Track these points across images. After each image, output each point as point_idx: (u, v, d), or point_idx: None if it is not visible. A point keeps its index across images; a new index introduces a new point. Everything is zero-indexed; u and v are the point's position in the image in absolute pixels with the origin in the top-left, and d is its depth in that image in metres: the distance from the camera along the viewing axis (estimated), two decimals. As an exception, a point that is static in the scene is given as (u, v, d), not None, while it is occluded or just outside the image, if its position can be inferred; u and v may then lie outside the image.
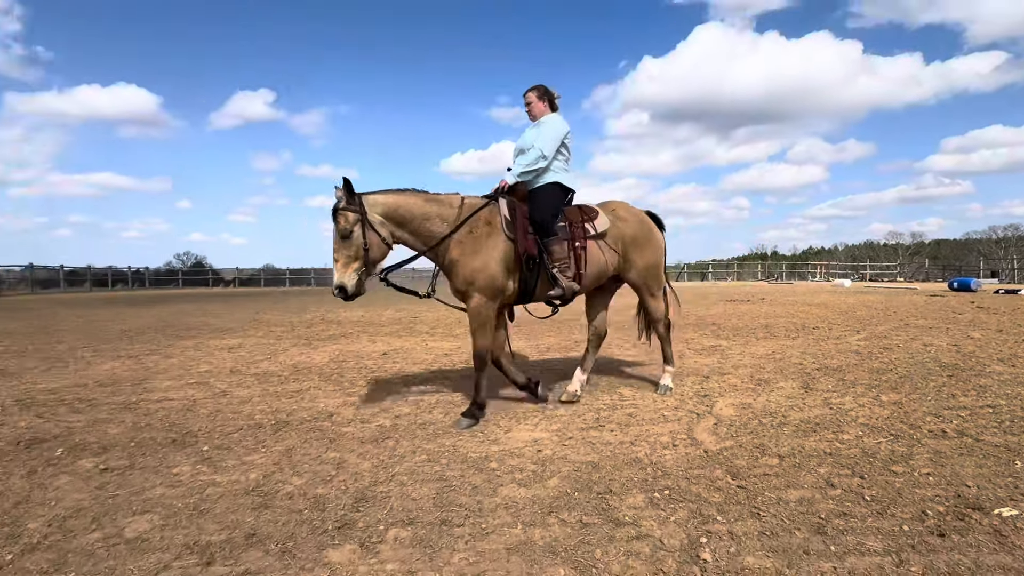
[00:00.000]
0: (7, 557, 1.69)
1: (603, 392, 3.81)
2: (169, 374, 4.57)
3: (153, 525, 1.89)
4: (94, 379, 4.38)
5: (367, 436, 2.86)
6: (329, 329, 7.88)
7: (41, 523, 1.91)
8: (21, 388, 4.06)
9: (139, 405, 3.55)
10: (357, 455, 2.57)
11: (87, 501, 2.09)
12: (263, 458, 2.54)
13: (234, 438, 2.85)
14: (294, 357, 5.39)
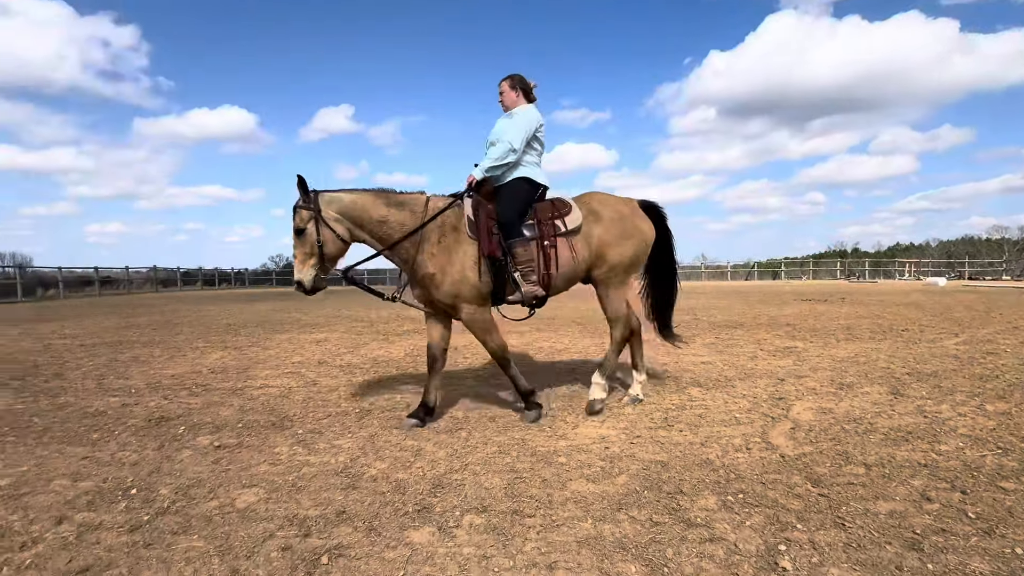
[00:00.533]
0: (144, 518, 1.92)
1: (671, 392, 3.68)
2: (267, 364, 4.97)
3: (259, 498, 2.07)
4: (207, 367, 4.86)
5: (441, 426, 2.96)
6: (404, 325, 8.20)
7: (170, 490, 2.15)
8: (150, 373, 4.58)
9: (244, 391, 3.89)
10: (433, 444, 2.67)
11: (205, 473, 2.33)
12: (350, 443, 2.70)
13: (324, 423, 3.05)
14: (374, 351, 5.67)
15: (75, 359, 5.36)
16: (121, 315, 10.78)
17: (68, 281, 21.45)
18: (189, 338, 6.92)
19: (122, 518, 1.92)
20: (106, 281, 23.95)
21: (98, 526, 1.86)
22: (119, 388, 4.02)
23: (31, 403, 3.61)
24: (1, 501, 2.07)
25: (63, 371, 4.73)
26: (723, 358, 4.92)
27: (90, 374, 4.58)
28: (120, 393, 3.86)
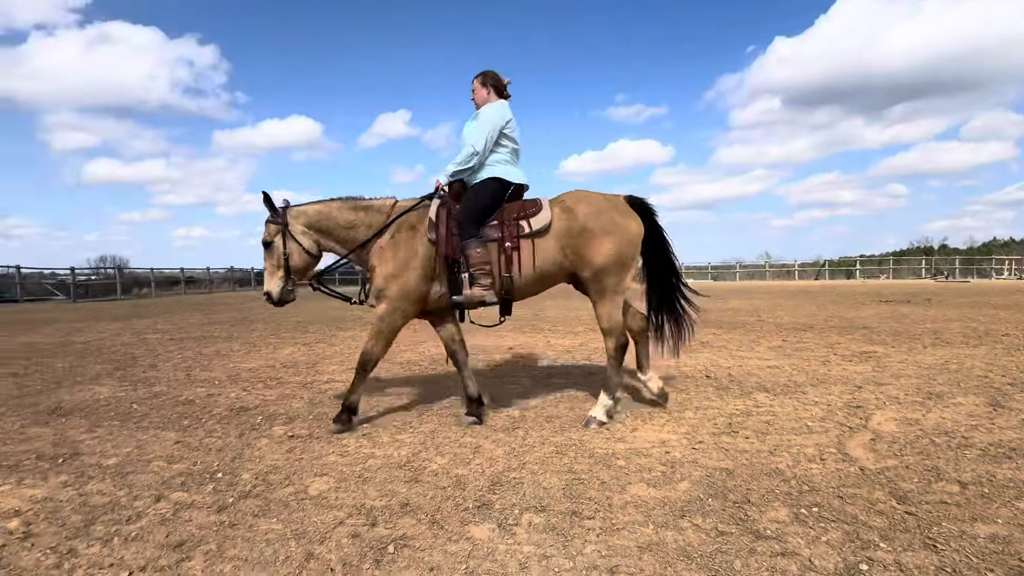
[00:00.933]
0: (229, 500, 2.08)
1: (734, 397, 3.53)
2: (333, 360, 5.23)
3: (329, 487, 2.19)
4: (280, 361, 5.18)
5: (499, 425, 3.00)
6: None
7: (250, 475, 2.32)
8: (230, 367, 4.95)
9: (313, 384, 4.12)
10: (491, 442, 2.71)
11: (280, 461, 2.48)
12: (411, 437, 2.80)
13: (387, 418, 3.17)
14: (431, 349, 5.81)
15: (166, 352, 5.89)
16: (204, 312, 11.70)
17: (158, 281, 23.69)
18: (263, 334, 7.41)
19: (210, 499, 2.08)
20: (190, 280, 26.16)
21: (190, 505, 2.04)
22: (204, 379, 4.37)
23: (131, 391, 4.00)
24: (110, 478, 2.31)
25: (156, 363, 5.21)
26: (792, 362, 4.65)
27: (179, 366, 5.02)
28: (205, 384, 4.19)
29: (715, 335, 6.61)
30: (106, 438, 2.87)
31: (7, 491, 2.19)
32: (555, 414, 3.20)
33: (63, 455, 2.61)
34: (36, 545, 1.75)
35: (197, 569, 1.60)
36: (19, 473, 2.38)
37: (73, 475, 2.35)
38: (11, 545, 1.75)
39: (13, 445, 2.78)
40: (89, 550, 1.72)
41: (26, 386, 4.22)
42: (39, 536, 1.81)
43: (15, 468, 2.44)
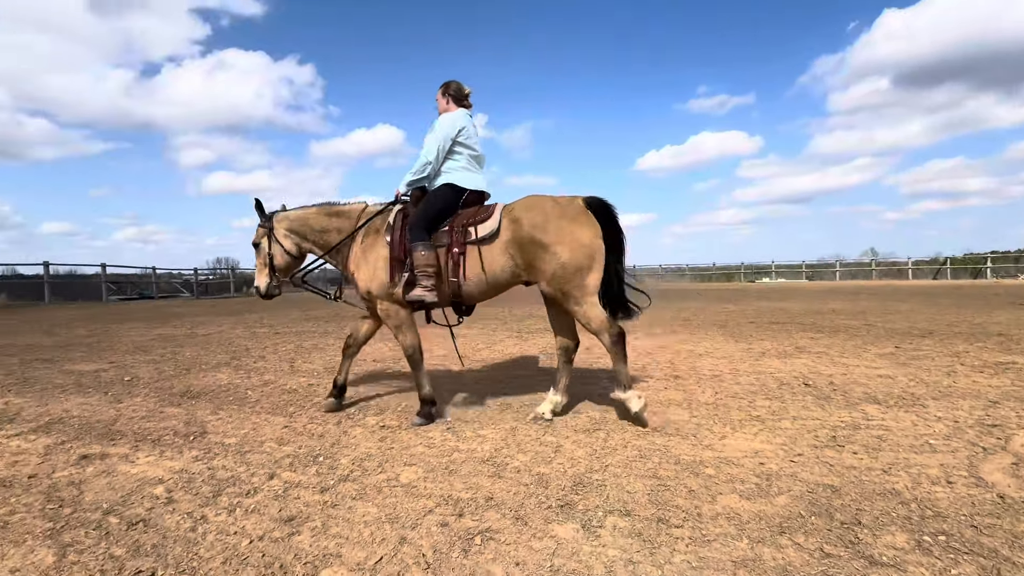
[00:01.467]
0: (330, 482, 2.26)
1: (838, 408, 3.23)
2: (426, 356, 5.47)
3: (418, 476, 2.30)
4: (371, 356, 5.52)
5: (579, 425, 2.98)
6: (538, 323, 8.41)
7: (348, 461, 2.50)
8: (327, 359, 5.36)
9: (399, 378, 4.35)
10: (572, 442, 2.70)
11: (374, 449, 2.65)
12: (493, 433, 2.86)
13: (469, 414, 3.27)
14: (509, 347, 5.91)
15: (272, 344, 6.50)
16: (301, 309, 12.76)
17: None
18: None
19: (314, 480, 2.28)
20: (290, 280, 28.57)
21: (297, 484, 2.24)
22: (305, 371, 4.78)
23: (245, 379, 4.46)
24: (232, 455, 2.60)
25: (264, 354, 5.77)
26: (907, 372, 4.17)
27: (284, 357, 5.52)
28: (306, 375, 4.58)
29: (812, 339, 6.09)
30: (227, 420, 3.23)
31: (152, 461, 2.54)
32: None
33: (193, 433, 2.97)
34: (176, 510, 2.01)
35: (305, 543, 1.76)
36: (160, 447, 2.75)
37: (202, 451, 2.67)
38: (157, 508, 2.03)
39: (155, 422, 3.21)
40: (217, 518, 1.95)
41: (163, 371, 4.86)
42: (178, 502, 2.08)
43: (157, 442, 2.83)
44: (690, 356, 5.14)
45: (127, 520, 1.93)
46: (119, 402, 3.73)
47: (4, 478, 2.35)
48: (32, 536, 1.82)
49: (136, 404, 3.66)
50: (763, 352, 5.31)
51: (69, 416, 3.37)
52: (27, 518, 1.96)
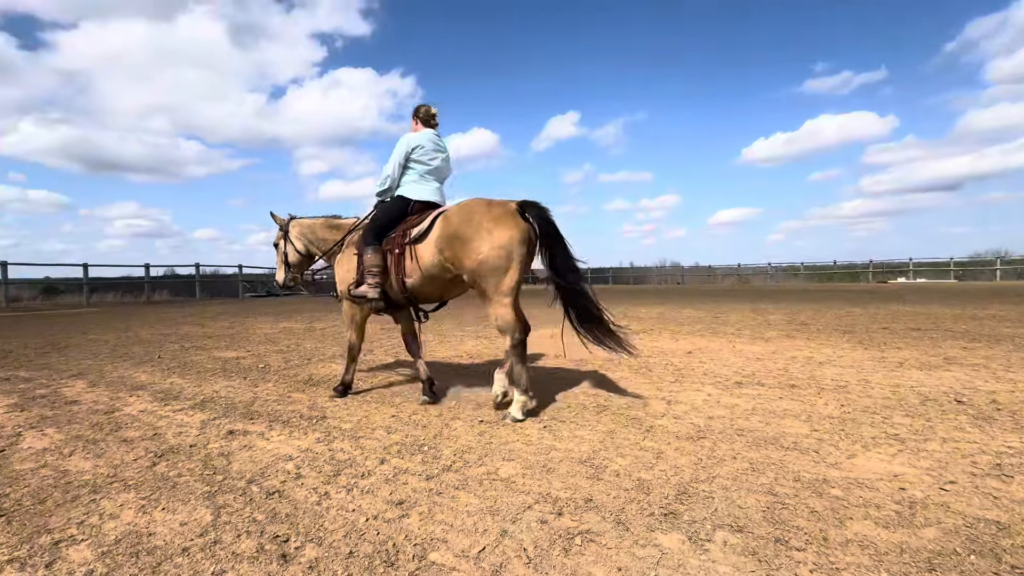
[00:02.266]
0: (435, 471, 2.38)
1: (1006, 431, 2.75)
2: (512, 354, 5.59)
3: (517, 472, 2.35)
4: (466, 352, 5.74)
5: (682, 432, 2.85)
6: (631, 324, 8.18)
7: (450, 452, 2.62)
8: (427, 354, 5.67)
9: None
10: (674, 449, 2.59)
11: (473, 443, 2.75)
12: (590, 434, 2.83)
13: (565, 414, 3.27)
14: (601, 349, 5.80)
15: (379, 339, 7.02)
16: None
17: None
18: (451, 327, 8.31)
19: (420, 468, 2.42)
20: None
21: (405, 471, 2.39)
22: (409, 364, 5.09)
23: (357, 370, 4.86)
24: (348, 439, 2.85)
25: (373, 348, 6.24)
26: (1102, 393, 3.42)
27: (390, 351, 5.93)
28: (410, 368, 4.88)
29: (966, 349, 5.23)
30: (342, 406, 3.55)
31: (283, 440, 2.86)
32: (747, 427, 2.90)
33: (315, 416, 3.30)
34: (304, 485, 2.25)
35: (414, 526, 1.88)
36: (289, 427, 3.10)
37: (323, 434, 2.96)
38: (289, 482, 2.29)
39: (284, 406, 3.62)
40: (337, 495, 2.15)
41: (290, 361, 5.46)
42: (305, 478, 2.33)
43: (287, 423, 3.18)
44: (808, 364, 4.68)
45: (266, 490, 2.20)
46: (255, 386, 4.26)
47: (173, 446, 2.80)
48: (194, 496, 2.15)
49: (269, 389, 4.16)
50: (901, 362, 4.67)
51: (218, 396, 3.92)
52: (190, 481, 2.31)
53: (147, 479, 2.34)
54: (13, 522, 1.95)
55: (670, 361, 4.96)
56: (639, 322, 8.58)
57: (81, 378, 4.70)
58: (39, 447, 2.81)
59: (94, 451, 2.73)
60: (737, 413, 3.19)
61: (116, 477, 2.37)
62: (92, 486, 2.27)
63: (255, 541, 1.78)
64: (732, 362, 4.85)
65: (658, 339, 6.50)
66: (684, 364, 4.79)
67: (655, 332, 7.22)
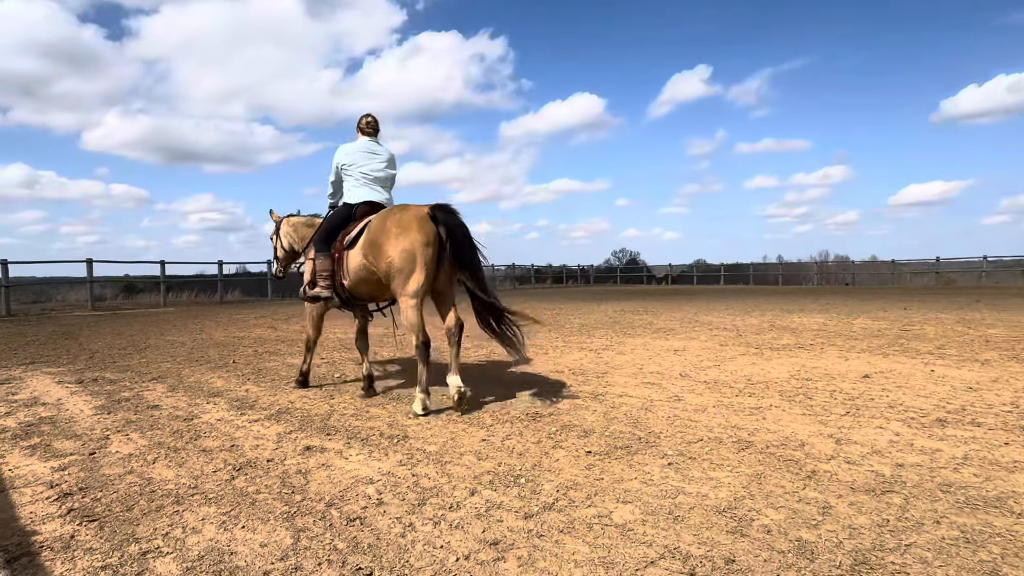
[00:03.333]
0: (534, 508, 2.42)
1: None
2: (624, 371, 5.51)
3: (635, 517, 2.31)
4: (567, 367, 5.76)
5: (858, 482, 2.61)
6: (782, 337, 7.67)
7: (552, 487, 2.65)
8: (521, 369, 5.77)
9: (605, 397, 4.43)
10: (847, 503, 2.38)
11: (580, 478, 2.75)
12: (729, 477, 2.70)
13: (695, 448, 3.15)
14: (744, 367, 5.51)
15: (464, 350, 7.27)
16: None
17: None
18: (549, 337, 8.38)
19: (516, 503, 2.47)
20: (478, 278, 31.92)
21: (499, 506, 2.45)
22: (500, 380, 5.22)
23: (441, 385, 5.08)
24: (433, 464, 2.99)
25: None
26: None
27: (476, 365, 6.12)
28: (501, 385, 5.00)
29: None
30: (426, 426, 3.73)
31: (362, 460, 3.08)
32: (953, 480, 2.59)
33: (396, 436, 3.51)
34: (386, 513, 2.41)
35: (512, 572, 1.92)
36: (368, 446, 3.32)
37: (405, 455, 3.14)
38: (370, 508, 2.46)
39: (362, 421, 3.89)
40: (424, 527, 2.26)
41: (366, 370, 5.85)
42: (387, 505, 2.48)
43: (366, 441, 3.42)
44: (1050, 398, 4.06)
45: (346, 515, 2.38)
46: (332, 398, 4.62)
47: (251, 459, 3.13)
48: (273, 516, 2.38)
49: (346, 401, 4.50)
50: None
51: (293, 407, 4.32)
52: (268, 499, 2.57)
53: (227, 493, 2.64)
54: (105, 528, 2.31)
55: (839, 387, 4.58)
56: (793, 335, 8.02)
57: (161, 382, 5.42)
58: (125, 452, 3.29)
59: (176, 460, 3.14)
60: (940, 461, 2.86)
61: (197, 489, 2.71)
62: (175, 496, 2.61)
63: (336, 572, 1.94)
64: (931, 391, 4.35)
65: (821, 358, 6.02)
66: (859, 392, 4.40)
67: (816, 348, 6.70)
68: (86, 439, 3.56)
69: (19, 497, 2.65)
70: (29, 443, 3.50)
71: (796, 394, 4.38)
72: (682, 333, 8.49)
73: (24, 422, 4.00)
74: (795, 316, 10.97)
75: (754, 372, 5.28)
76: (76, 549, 2.14)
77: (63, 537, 2.23)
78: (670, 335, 8.28)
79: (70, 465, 3.08)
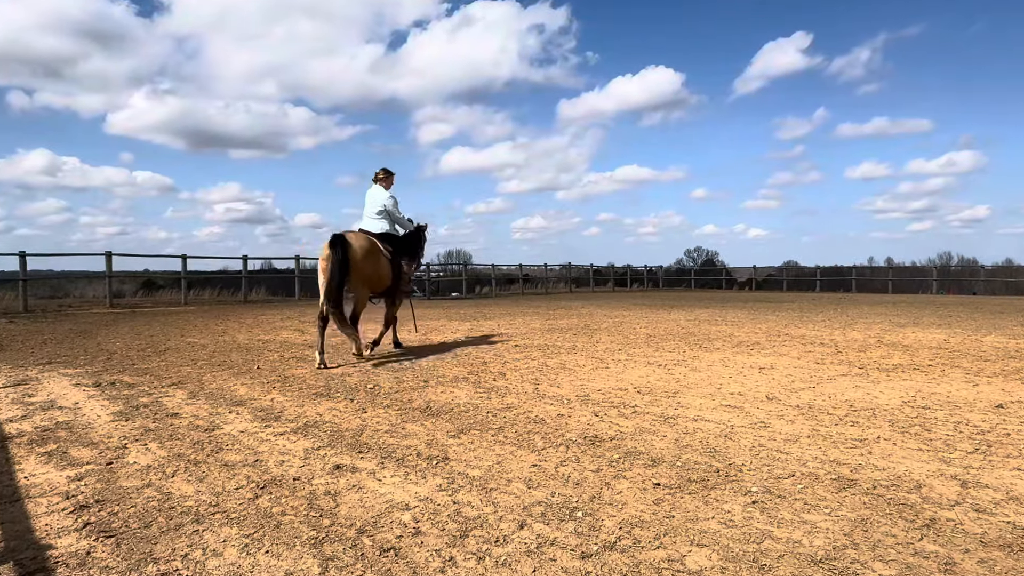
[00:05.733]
0: (592, 547, 2.40)
1: None
2: (699, 390, 5.40)
3: (713, 564, 2.25)
4: (632, 384, 5.70)
5: (989, 535, 2.47)
6: (893, 356, 7.35)
7: (614, 523, 2.62)
8: (578, 384, 5.75)
9: (676, 420, 4.36)
10: (975, 560, 2.26)
11: (647, 515, 2.71)
12: (827, 522, 2.61)
13: (785, 485, 3.05)
14: (847, 391, 5.31)
15: (513, 360, 7.31)
16: (543, 317, 13.99)
17: (498, 278, 30.42)
18: (610, 348, 8.32)
19: (572, 540, 2.45)
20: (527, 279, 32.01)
21: (552, 542, 2.45)
22: (552, 396, 5.22)
23: (485, 399, 5.12)
24: (477, 491, 3.01)
25: (505, 371, 6.52)
26: None
27: (527, 377, 6.14)
28: (555, 402, 5.00)
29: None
30: (469, 446, 3.77)
31: (397, 483, 3.13)
32: (1117, 540, 2.41)
33: (436, 457, 3.56)
34: (424, 544, 2.44)
35: (567, 620, 1.91)
36: (404, 467, 3.38)
37: (445, 480, 3.17)
38: (406, 538, 2.50)
39: (397, 438, 3.96)
40: (466, 563, 2.28)
41: (402, 381, 5.96)
42: (425, 535, 2.51)
43: (401, 462, 3.48)
44: None
45: (379, 545, 2.42)
46: (364, 411, 4.73)
47: (275, 476, 3.24)
48: (300, 542, 2.46)
49: (379, 415, 4.59)
50: None
51: (322, 420, 4.44)
52: (294, 521, 2.65)
53: (249, 513, 2.74)
54: (122, 545, 2.43)
55: (965, 418, 4.34)
56: (906, 353, 7.67)
57: (181, 387, 5.68)
58: (143, 463, 3.46)
59: (196, 474, 3.28)
60: (1096, 514, 2.67)
61: (218, 507, 2.82)
62: (195, 514, 2.73)
63: (369, 608, 1.97)
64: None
65: (942, 382, 5.73)
66: (991, 425, 4.16)
67: (935, 370, 6.38)
68: (103, 447, 3.77)
69: (35, 507, 2.83)
70: (45, 449, 3.73)
71: (911, 425, 4.18)
72: (769, 348, 8.25)
73: (40, 426, 4.27)
74: (909, 331, 10.48)
75: (858, 397, 5.07)
76: (92, 567, 2.26)
77: (79, 553, 2.37)
78: (754, 350, 8.06)
79: (87, 475, 3.27)
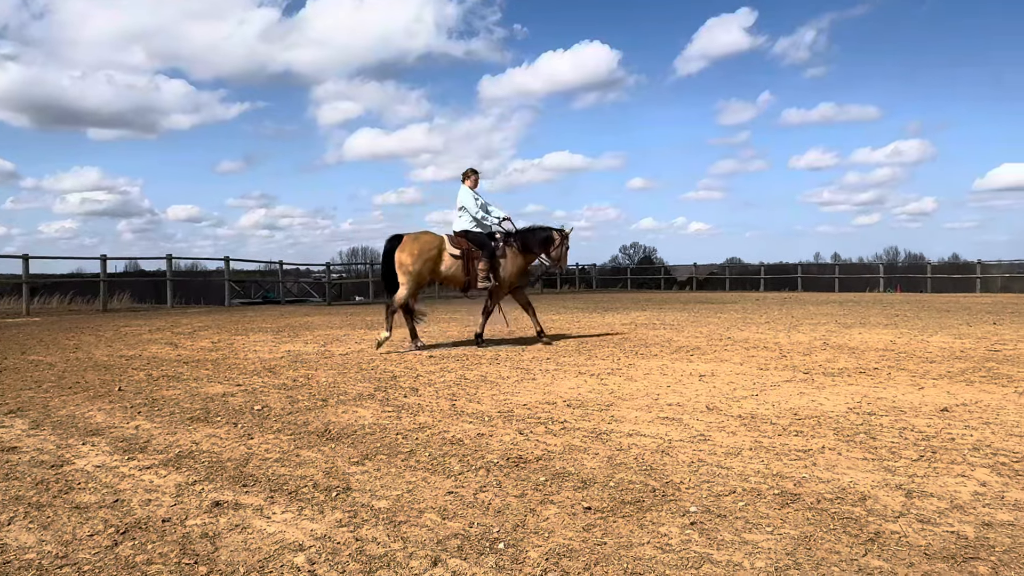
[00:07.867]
0: (516, 583, 2.41)
1: None
2: (635, 402, 5.54)
3: (648, 594, 2.31)
4: (561, 397, 5.78)
5: (935, 547, 2.65)
6: (839, 359, 7.79)
7: (539, 554, 2.64)
8: (500, 399, 5.79)
9: (609, 436, 4.45)
10: (920, 574, 2.42)
11: (576, 543, 2.75)
12: (769, 541, 2.72)
13: (725, 503, 3.18)
14: (791, 398, 5.58)
15: (427, 373, 7.28)
16: (460, 323, 13.97)
17: None
18: (537, 357, 8.43)
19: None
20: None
21: (470, 580, 2.44)
22: (471, 413, 5.22)
23: (395, 419, 5.07)
24: (383, 525, 2.97)
25: (417, 385, 6.48)
26: None
27: (442, 392, 6.13)
28: (473, 419, 5.00)
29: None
30: (375, 474, 3.71)
31: (289, 520, 3.05)
32: (1058, 546, 2.64)
33: (335, 488, 3.48)
34: (320, 590, 2.38)
35: (486, 668, 1.91)
36: (298, 501, 3.29)
37: (347, 514, 3.11)
38: (299, 584, 2.43)
39: (290, 468, 3.86)
40: (370, 610, 2.24)
41: (296, 401, 5.82)
42: (322, 580, 2.45)
43: (294, 495, 3.39)
44: None
45: (266, 594, 2.35)
46: (250, 437, 4.58)
47: (140, 518, 3.08)
48: (169, 595, 2.34)
49: (268, 442, 4.45)
50: None
51: (199, 450, 4.26)
52: (163, 572, 2.53)
53: (107, 564, 2.59)
54: (-61, 612, 2.25)
55: (910, 424, 4.66)
56: (853, 357, 8.15)
57: (21, 416, 5.32)
58: (-31, 510, 3.22)
59: (39, 520, 3.08)
60: (1037, 520, 2.92)
61: (67, 559, 2.65)
62: (38, 569, 2.56)
63: (253, 669, 1.91)
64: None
65: (888, 386, 6.12)
66: (936, 430, 4.48)
67: (881, 374, 6.81)
68: (-83, 492, 3.48)
69: None
70: None
71: (856, 433, 4.44)
72: (710, 353, 8.58)
73: None
74: (855, 332, 11.14)
75: (802, 404, 5.34)
76: (-101, 641, 2.07)
77: None
78: (694, 356, 8.36)
79: None
